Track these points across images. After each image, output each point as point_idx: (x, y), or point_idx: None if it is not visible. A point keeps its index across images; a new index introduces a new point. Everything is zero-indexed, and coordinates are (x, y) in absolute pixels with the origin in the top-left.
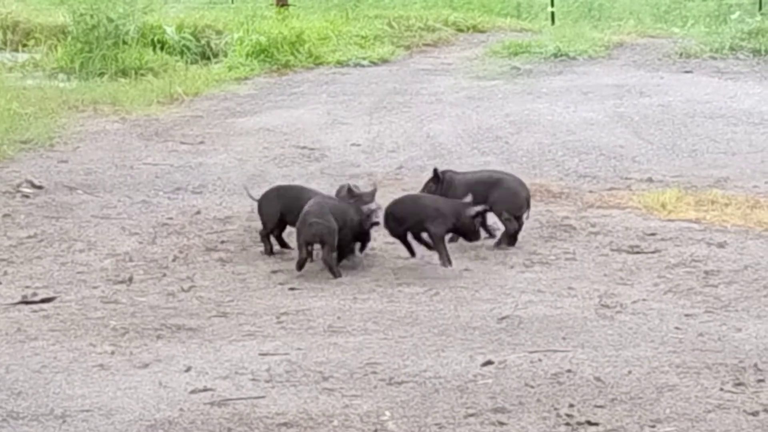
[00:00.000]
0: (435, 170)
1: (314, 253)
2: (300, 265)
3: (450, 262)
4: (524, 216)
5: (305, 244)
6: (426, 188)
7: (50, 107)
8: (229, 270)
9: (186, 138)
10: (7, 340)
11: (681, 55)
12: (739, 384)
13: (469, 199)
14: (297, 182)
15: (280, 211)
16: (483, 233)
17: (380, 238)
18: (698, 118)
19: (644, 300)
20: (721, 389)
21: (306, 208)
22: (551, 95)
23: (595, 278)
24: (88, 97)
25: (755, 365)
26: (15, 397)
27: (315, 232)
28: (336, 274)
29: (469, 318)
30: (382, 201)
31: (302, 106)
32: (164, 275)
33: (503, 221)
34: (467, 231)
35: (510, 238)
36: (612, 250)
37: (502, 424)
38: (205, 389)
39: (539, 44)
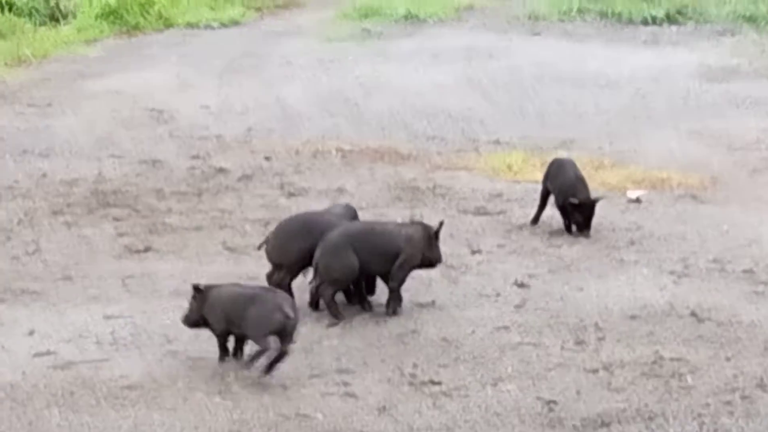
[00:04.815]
0: None
1: None
2: None
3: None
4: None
5: None
6: None
7: None
8: (74, 233)
9: (33, 101)
10: None
11: (530, 17)
12: (580, 342)
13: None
14: (145, 144)
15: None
16: None
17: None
18: (546, 81)
19: (489, 261)
20: (563, 348)
21: None
22: (401, 58)
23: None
24: None
25: (596, 324)
26: None
27: None
28: None
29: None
30: (231, 164)
31: (152, 68)
32: (8, 239)
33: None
34: None
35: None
36: (458, 211)
37: (346, 384)
38: (48, 352)
39: (390, 6)
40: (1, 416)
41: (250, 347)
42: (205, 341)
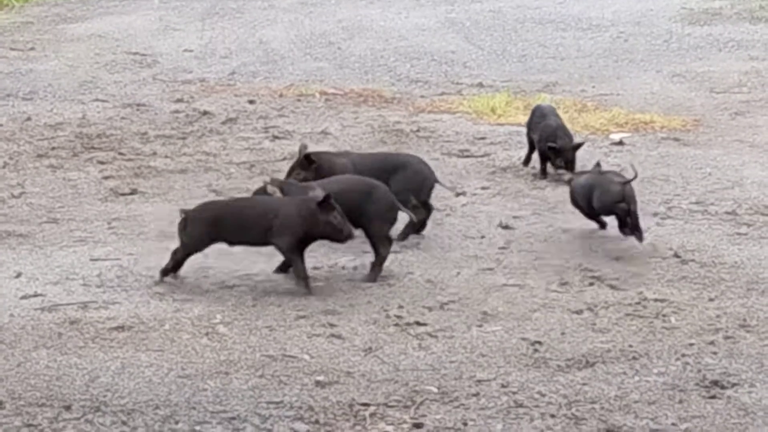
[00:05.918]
0: (306, 155)
1: None
2: None
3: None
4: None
5: None
6: (292, 175)
7: None
8: (60, 176)
9: (16, 44)
10: None
11: None
12: (565, 284)
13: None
14: (128, 88)
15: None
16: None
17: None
18: (528, 24)
19: (473, 203)
20: (547, 289)
21: None
22: (383, 1)
23: None
24: None
25: (580, 265)
26: None
27: None
28: None
29: None
30: (215, 107)
31: (134, 11)
32: None
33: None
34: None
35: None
36: (442, 154)
37: (332, 325)
38: (36, 295)
39: None
40: None
41: None
42: (191, 283)
